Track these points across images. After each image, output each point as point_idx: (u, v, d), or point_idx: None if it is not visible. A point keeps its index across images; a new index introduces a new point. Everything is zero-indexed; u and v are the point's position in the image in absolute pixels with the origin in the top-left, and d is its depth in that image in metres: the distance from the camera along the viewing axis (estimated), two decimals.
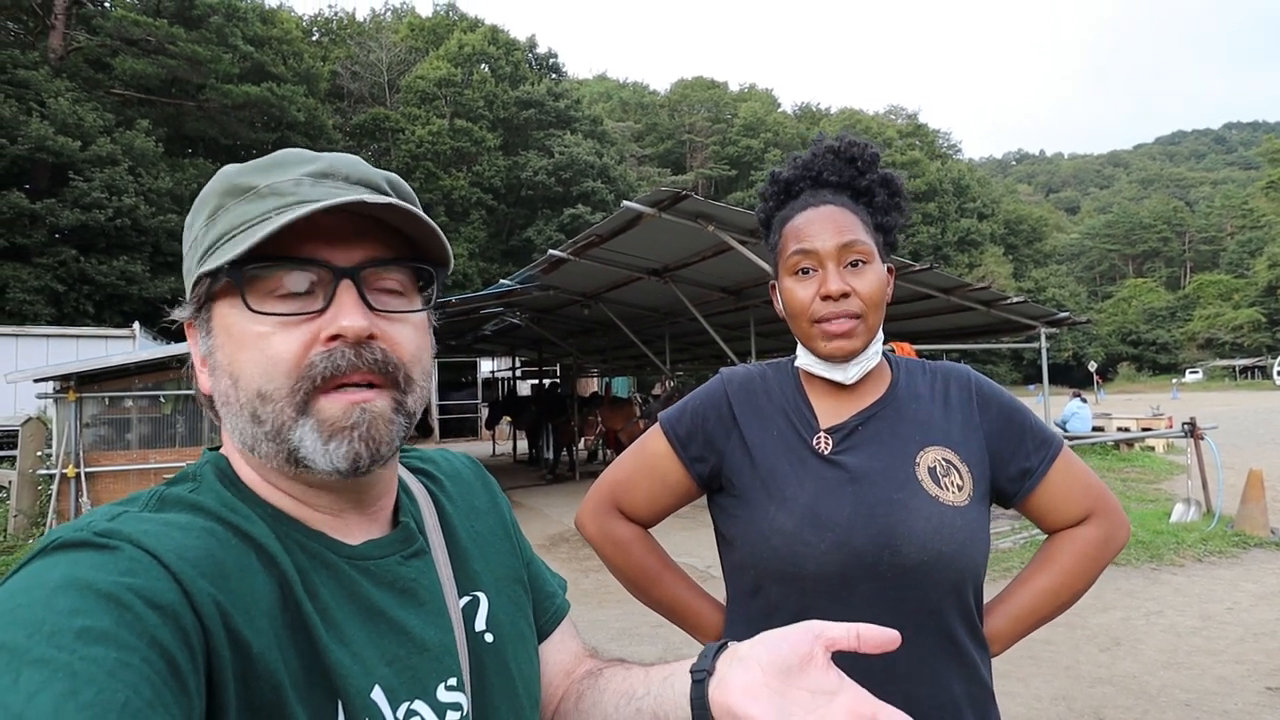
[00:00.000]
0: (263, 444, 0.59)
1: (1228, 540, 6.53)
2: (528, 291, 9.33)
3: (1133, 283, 75.62)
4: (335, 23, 42.52)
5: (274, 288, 0.59)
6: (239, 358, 0.58)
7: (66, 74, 23.09)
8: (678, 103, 65.65)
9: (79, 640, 0.41)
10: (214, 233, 0.60)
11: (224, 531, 0.55)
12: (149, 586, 0.46)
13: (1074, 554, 1.08)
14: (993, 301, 9.09)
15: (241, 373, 0.58)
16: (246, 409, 0.58)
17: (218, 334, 0.60)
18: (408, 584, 0.65)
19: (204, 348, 0.62)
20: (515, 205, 37.82)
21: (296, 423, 0.58)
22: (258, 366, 0.58)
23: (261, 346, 0.58)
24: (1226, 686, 3.76)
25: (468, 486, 0.82)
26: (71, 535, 0.48)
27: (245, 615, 0.51)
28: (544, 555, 7.24)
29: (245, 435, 0.59)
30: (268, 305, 0.58)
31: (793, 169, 1.13)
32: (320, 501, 0.63)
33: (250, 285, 0.58)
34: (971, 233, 63.14)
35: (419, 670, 0.61)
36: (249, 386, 0.58)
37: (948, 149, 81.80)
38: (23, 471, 8.02)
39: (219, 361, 0.60)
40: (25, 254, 20.79)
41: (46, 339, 13.82)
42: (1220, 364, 59.64)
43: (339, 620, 0.58)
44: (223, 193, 0.61)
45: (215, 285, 0.60)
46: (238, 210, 0.60)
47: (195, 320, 0.63)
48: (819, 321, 1.04)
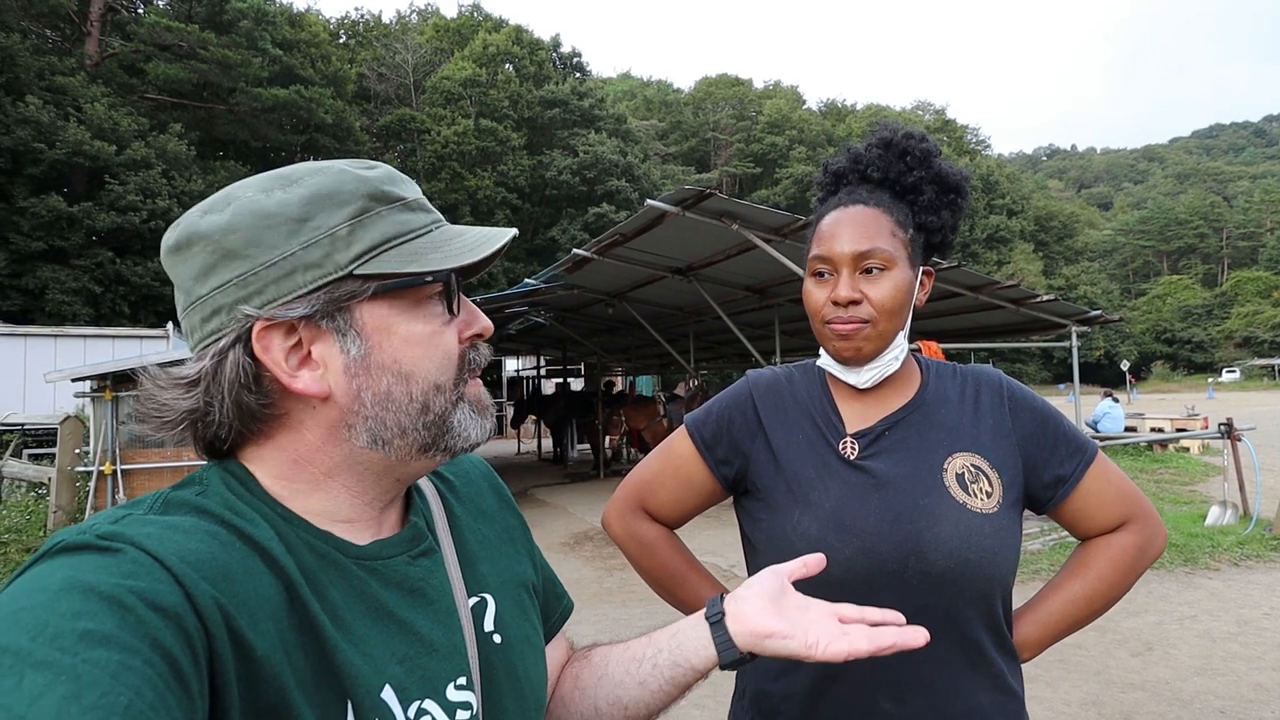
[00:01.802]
0: (418, 433, 0.64)
1: (1265, 544, 6.37)
2: (552, 291, 9.36)
3: (1168, 280, 74.06)
4: (362, 25, 43.09)
5: (432, 293, 0.64)
6: (413, 354, 0.63)
7: (102, 80, 23.66)
8: (702, 100, 65.52)
9: (82, 643, 0.41)
10: (372, 235, 0.60)
11: (227, 535, 0.55)
12: (151, 589, 0.46)
13: (1109, 561, 1.06)
14: (1022, 299, 8.94)
15: (418, 368, 0.63)
16: (418, 401, 0.63)
17: (373, 335, 0.61)
18: (416, 583, 0.65)
19: (345, 347, 0.61)
20: (540, 204, 38.03)
21: (457, 407, 0.66)
22: (434, 361, 0.64)
23: (437, 344, 0.64)
24: (1263, 694, 3.67)
25: (477, 489, 0.83)
26: (74, 538, 0.49)
27: (249, 618, 0.51)
28: (568, 554, 7.28)
29: (395, 430, 0.63)
30: (436, 308, 0.65)
31: (842, 161, 1.12)
32: (375, 492, 0.66)
33: (420, 290, 0.63)
34: (1000, 229, 62.27)
35: (429, 669, 0.61)
36: (425, 379, 0.63)
37: (976, 145, 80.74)
38: (61, 468, 8.22)
39: (378, 361, 0.61)
40: (63, 256, 21.35)
41: (84, 339, 14.17)
42: (1259, 363, 58.06)
43: (348, 620, 0.58)
44: (368, 196, 0.61)
45: (369, 288, 0.61)
46: (396, 218, 0.62)
47: (316, 320, 0.60)
48: (829, 323, 1.04)
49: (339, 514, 0.63)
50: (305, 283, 0.58)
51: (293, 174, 0.61)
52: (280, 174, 0.61)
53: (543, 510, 9.90)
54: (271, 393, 0.60)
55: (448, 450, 0.66)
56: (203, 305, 0.59)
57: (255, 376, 0.59)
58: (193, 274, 0.59)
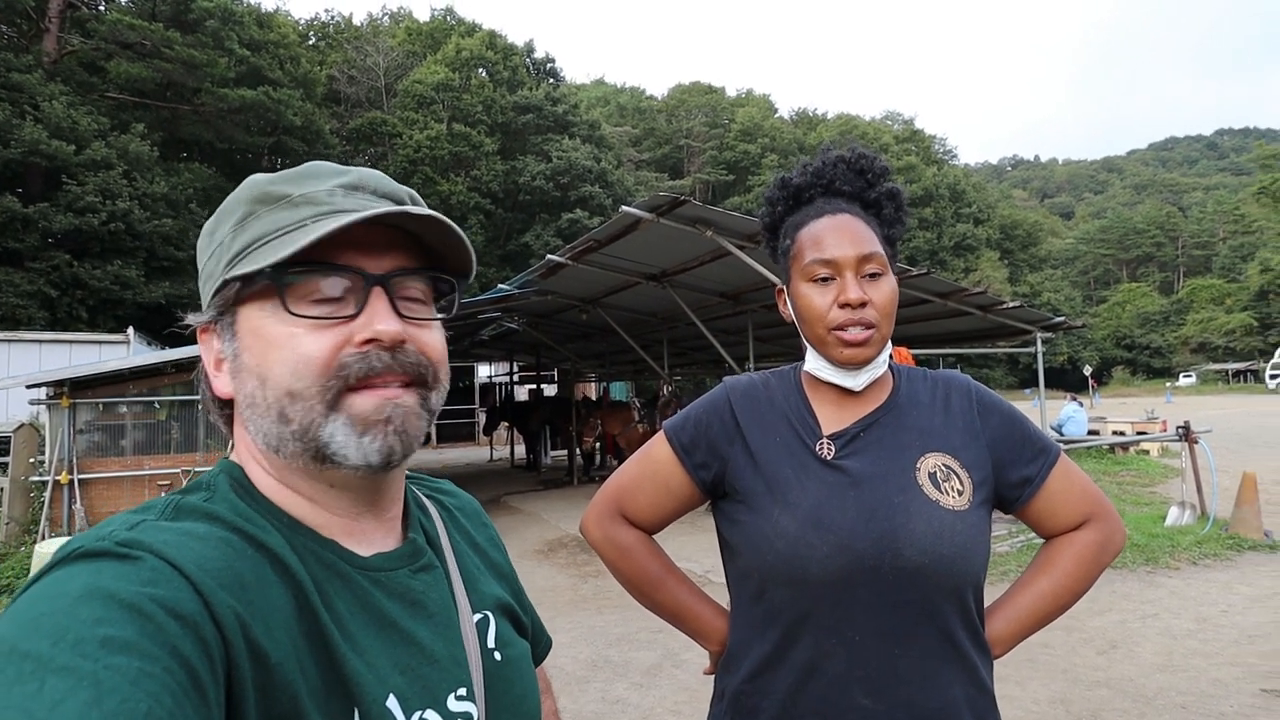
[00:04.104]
0: (289, 443, 0.60)
1: (1222, 543, 6.56)
2: (526, 296, 9.33)
3: (1127, 287, 75.88)
4: (332, 27, 42.57)
5: (309, 292, 0.61)
6: (269, 358, 0.60)
7: (61, 77, 23.04)
8: (675, 108, 65.81)
9: (103, 649, 0.42)
10: (245, 238, 0.61)
11: (240, 542, 0.56)
12: (171, 597, 0.47)
13: (1073, 557, 1.10)
14: (989, 306, 9.12)
15: (270, 372, 0.60)
16: (274, 408, 0.60)
17: (244, 336, 0.62)
18: (417, 596, 0.66)
19: (227, 350, 0.63)
20: (513, 210, 37.83)
21: (326, 419, 0.60)
22: (287, 366, 0.59)
23: (293, 346, 0.59)
24: (1222, 689, 3.77)
25: (474, 524, 0.85)
26: (93, 545, 0.49)
27: (264, 626, 0.52)
28: (541, 561, 7.24)
29: (270, 436, 0.61)
30: (302, 309, 0.60)
31: (804, 176, 1.14)
32: (339, 504, 0.65)
33: (286, 289, 0.60)
34: (967, 238, 63.36)
35: (430, 680, 0.62)
36: (278, 385, 0.60)
37: (944, 154, 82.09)
38: (15, 478, 7.97)
39: (245, 364, 0.61)
40: (18, 258, 20.71)
41: (39, 344, 13.76)
42: (1213, 368, 59.92)
43: (353, 630, 0.59)
44: (253, 200, 0.62)
45: (245, 289, 0.61)
46: (271, 217, 0.61)
47: (216, 324, 0.64)
48: (837, 329, 1.05)
49: (310, 517, 0.63)
50: (209, 290, 0.63)
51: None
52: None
53: (516, 518, 9.82)
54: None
55: (338, 466, 0.61)
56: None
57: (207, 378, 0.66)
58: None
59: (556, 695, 1.00)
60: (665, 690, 3.93)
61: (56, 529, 7.68)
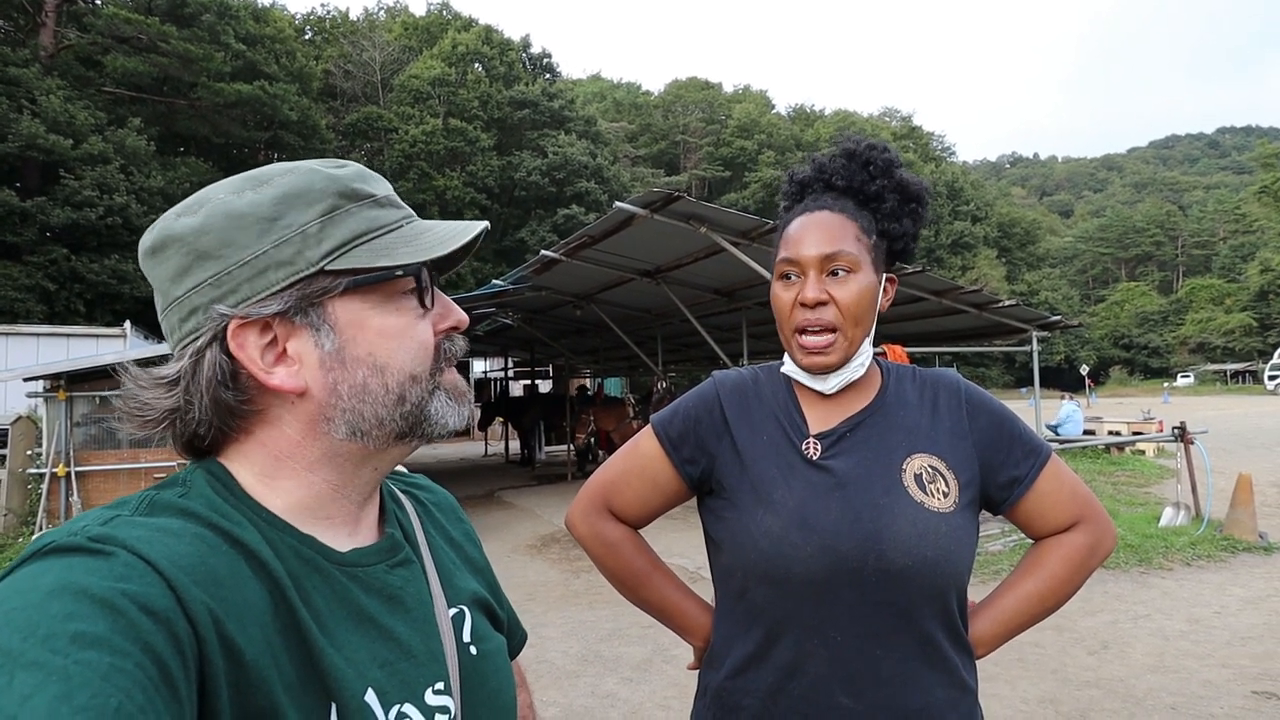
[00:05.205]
0: (395, 423, 0.65)
1: (1216, 545, 6.57)
2: (520, 292, 9.32)
3: (1125, 286, 75.98)
4: (328, 21, 42.47)
5: (405, 287, 0.65)
6: (386, 347, 0.64)
7: (58, 72, 22.98)
8: (672, 103, 65.76)
9: (74, 644, 0.41)
10: (342, 231, 0.62)
11: (214, 537, 0.55)
12: (143, 592, 0.46)
13: (1061, 559, 1.09)
14: (985, 304, 9.12)
15: (392, 360, 0.64)
16: (394, 392, 0.64)
17: (346, 329, 0.63)
18: (395, 591, 0.66)
19: (311, 343, 0.62)
20: (509, 205, 37.82)
21: (433, 395, 0.67)
22: (409, 353, 0.65)
23: (413, 335, 0.65)
24: (1213, 690, 3.78)
25: (449, 518, 0.86)
26: (65, 540, 0.48)
27: (238, 622, 0.51)
28: (534, 556, 7.24)
29: (370, 421, 0.64)
30: (408, 301, 0.66)
31: (807, 170, 1.14)
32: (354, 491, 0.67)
33: (393, 284, 0.64)
34: (965, 235, 63.42)
35: (408, 674, 0.63)
36: (401, 371, 0.64)
37: (942, 152, 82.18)
38: (12, 470, 7.97)
39: (353, 355, 0.63)
40: (16, 252, 20.68)
41: (37, 338, 13.76)
42: (1211, 368, 59.92)
43: (331, 625, 0.59)
44: (337, 194, 0.63)
45: (341, 284, 0.62)
46: (365, 214, 0.64)
47: (290, 316, 0.61)
48: (799, 332, 1.05)
49: (320, 510, 0.64)
50: (277, 280, 0.60)
51: (264, 175, 0.63)
52: (252, 175, 0.63)
53: (509, 513, 9.83)
54: (249, 390, 0.62)
55: (424, 437, 0.68)
56: (180, 306, 0.61)
57: (232, 374, 0.60)
58: (169, 276, 0.61)
59: (547, 689, 1.01)
60: (655, 685, 3.93)
61: (54, 521, 7.68)
